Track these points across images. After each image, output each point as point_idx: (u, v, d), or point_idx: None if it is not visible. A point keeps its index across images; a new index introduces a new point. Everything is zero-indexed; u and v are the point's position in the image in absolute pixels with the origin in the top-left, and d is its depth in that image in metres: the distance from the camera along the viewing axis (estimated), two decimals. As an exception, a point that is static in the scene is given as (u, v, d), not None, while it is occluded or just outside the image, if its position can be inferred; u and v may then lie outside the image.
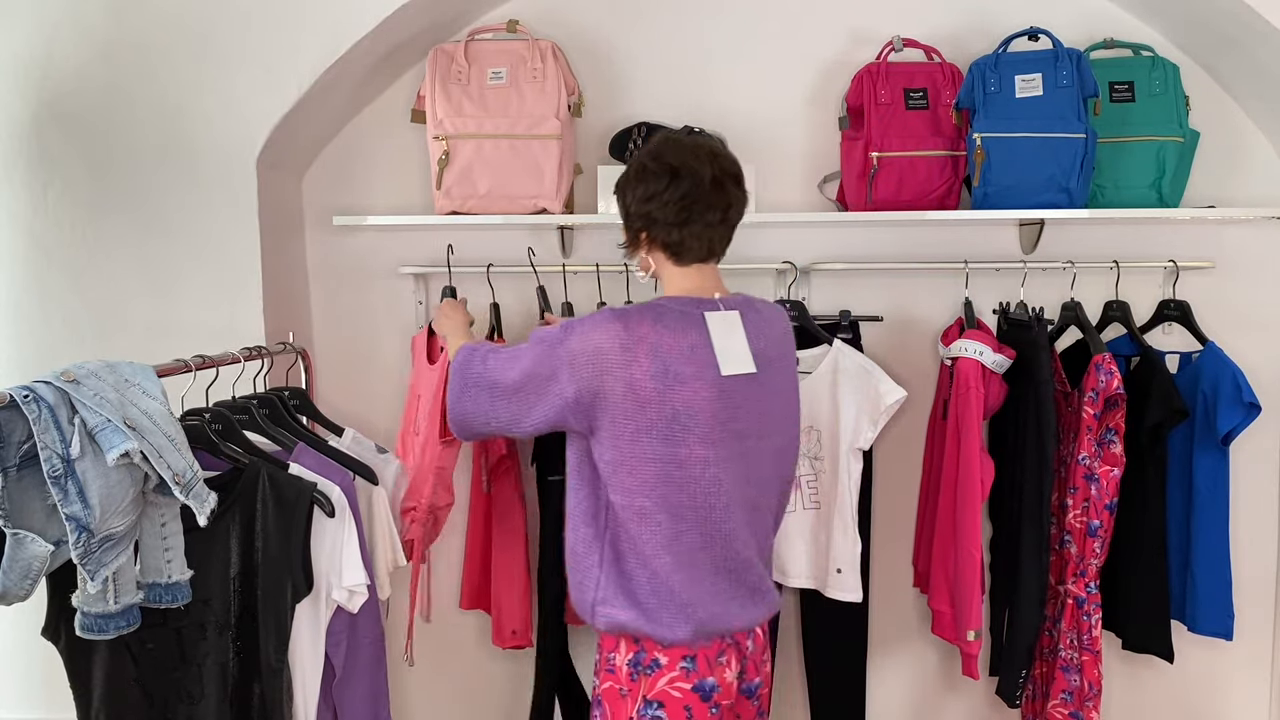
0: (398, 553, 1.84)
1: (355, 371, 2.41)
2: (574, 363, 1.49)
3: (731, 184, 1.57)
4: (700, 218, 1.54)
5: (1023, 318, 2.21)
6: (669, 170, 1.53)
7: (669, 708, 1.52)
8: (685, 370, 1.48)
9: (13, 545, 1.23)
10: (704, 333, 1.52)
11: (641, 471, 1.49)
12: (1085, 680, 2.09)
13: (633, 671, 1.54)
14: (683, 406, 1.48)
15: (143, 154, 2.09)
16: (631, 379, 1.47)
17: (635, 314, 1.51)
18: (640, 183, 1.55)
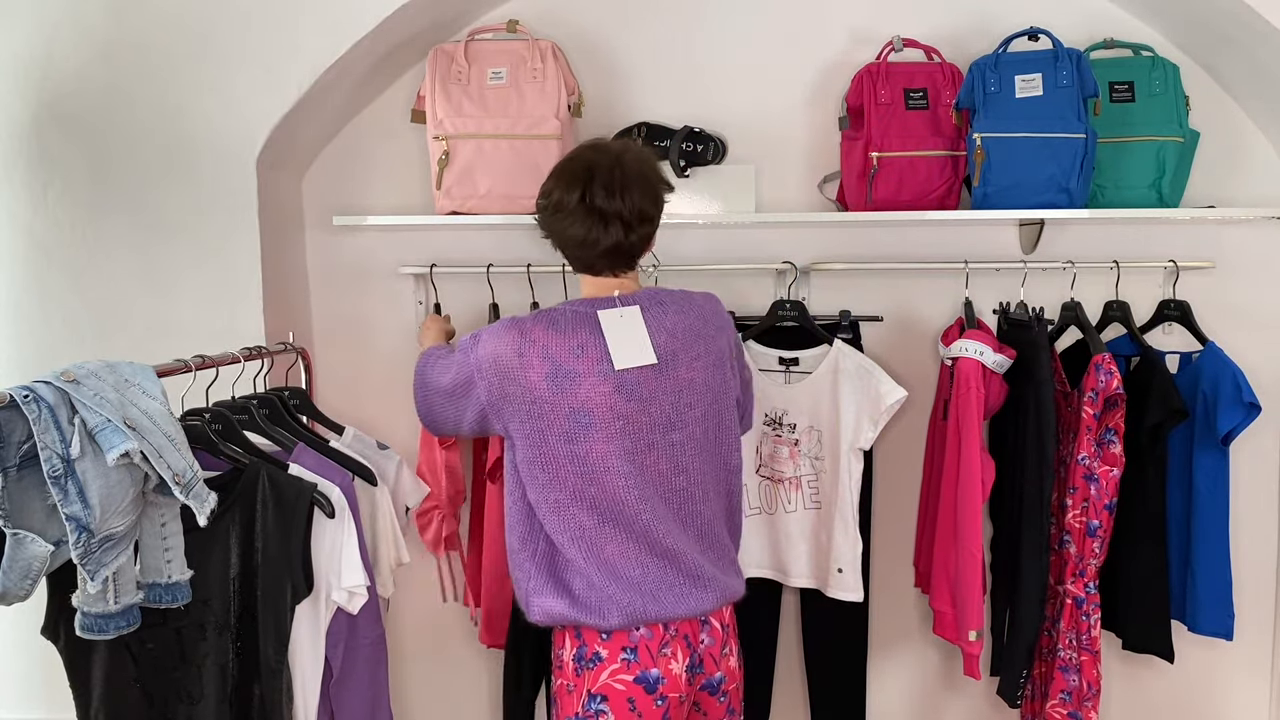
0: (401, 550, 1.84)
1: (355, 371, 2.41)
2: (480, 370, 1.58)
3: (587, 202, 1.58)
4: (569, 234, 1.60)
5: (1023, 318, 2.21)
6: (544, 192, 1.63)
7: (612, 701, 1.53)
8: (576, 369, 1.53)
9: (13, 545, 1.23)
10: (596, 331, 1.56)
11: (550, 469, 1.55)
12: (1084, 680, 2.09)
13: (577, 666, 1.56)
14: (579, 405, 1.53)
15: (143, 154, 2.09)
16: (528, 382, 1.54)
17: (530, 320, 1.59)
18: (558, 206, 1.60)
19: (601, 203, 1.55)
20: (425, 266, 2.31)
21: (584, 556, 1.55)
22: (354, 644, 1.68)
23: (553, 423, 1.54)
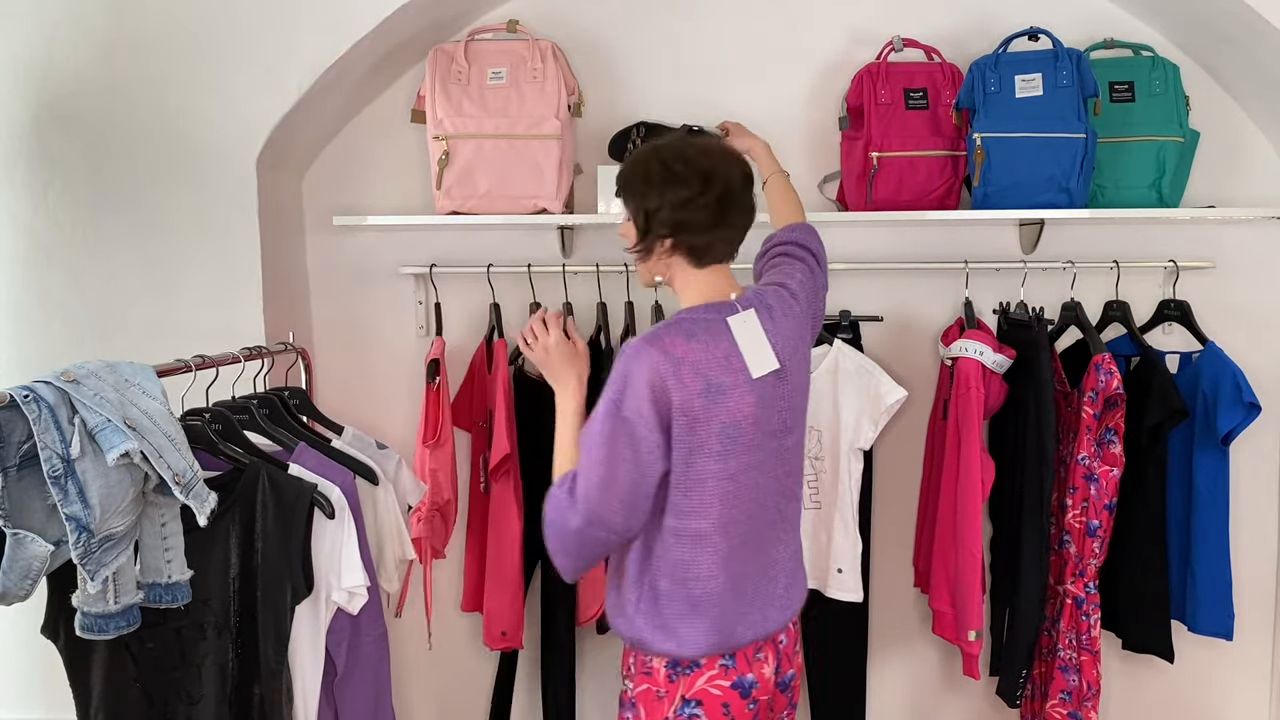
0: (405, 546, 1.85)
1: (355, 371, 2.41)
2: (643, 413, 1.44)
3: (750, 186, 1.58)
4: (730, 221, 1.55)
5: (1023, 318, 2.21)
6: (701, 174, 1.51)
7: (707, 705, 1.52)
8: (725, 381, 1.48)
9: (13, 545, 1.23)
10: (732, 339, 1.51)
11: (696, 494, 1.48)
12: (1084, 680, 2.09)
13: (671, 673, 1.53)
14: (729, 419, 1.47)
15: (143, 154, 2.09)
16: (684, 401, 1.45)
17: (665, 336, 1.47)
18: (669, 187, 1.51)
19: (749, 186, 1.58)
20: (425, 266, 2.31)
21: (716, 587, 1.51)
22: (356, 642, 1.68)
23: (705, 440, 1.46)
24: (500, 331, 2.29)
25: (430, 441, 2.15)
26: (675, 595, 1.50)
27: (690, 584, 1.50)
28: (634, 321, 2.27)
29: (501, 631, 2.21)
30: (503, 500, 2.19)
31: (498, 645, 2.23)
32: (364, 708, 1.71)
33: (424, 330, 2.38)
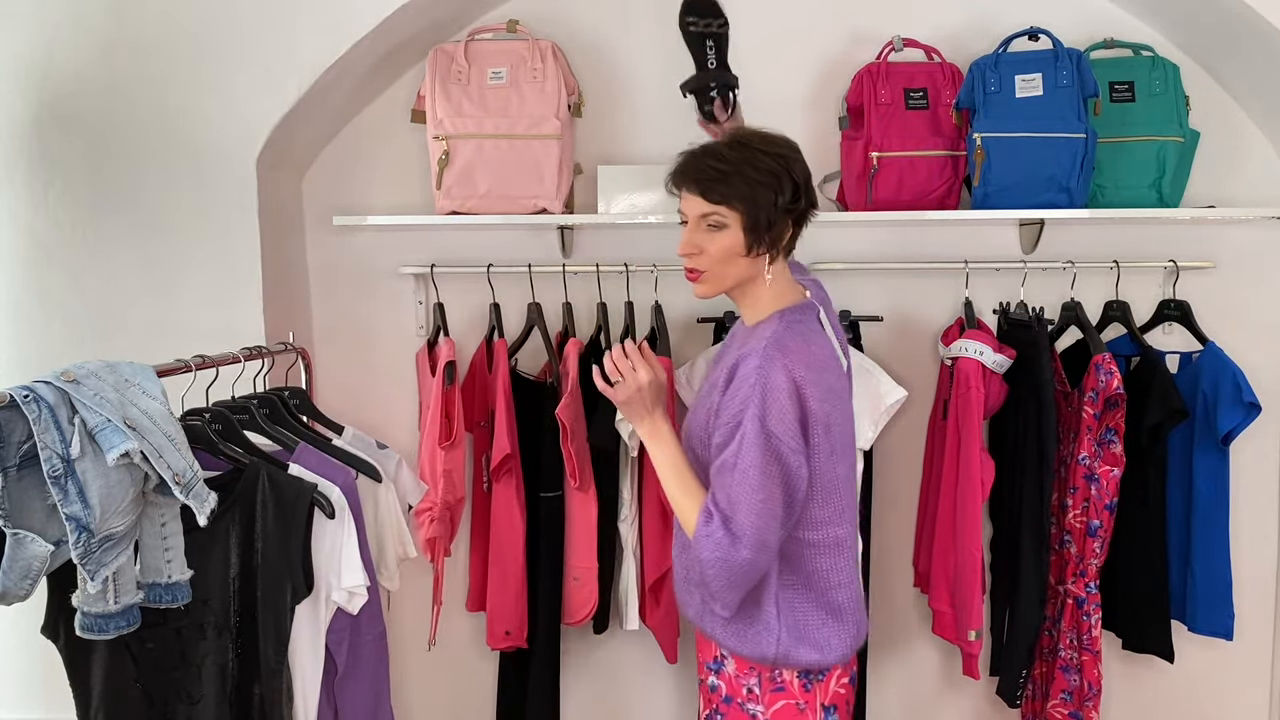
0: (406, 545, 1.85)
1: (355, 371, 2.41)
2: (788, 425, 1.41)
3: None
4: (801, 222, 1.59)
5: (1023, 318, 2.21)
6: (800, 163, 1.55)
7: (840, 708, 1.54)
8: (836, 383, 1.50)
9: (13, 545, 1.23)
10: (828, 338, 1.54)
11: (832, 501, 1.49)
12: (1085, 680, 2.09)
13: (805, 683, 1.53)
14: (844, 420, 1.50)
15: (143, 154, 2.09)
16: (817, 407, 1.44)
17: (789, 342, 1.46)
18: (784, 181, 1.50)
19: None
20: (425, 266, 2.31)
21: (849, 592, 1.52)
22: (357, 641, 1.68)
23: (835, 445, 1.47)
24: (500, 331, 2.29)
25: (445, 443, 2.15)
26: (818, 605, 1.51)
27: (831, 591, 1.51)
28: (634, 321, 2.27)
29: (505, 631, 2.21)
30: (505, 500, 2.19)
31: (500, 645, 2.23)
32: (364, 707, 1.71)
33: (424, 330, 2.38)
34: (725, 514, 1.41)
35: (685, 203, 1.55)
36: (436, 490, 2.14)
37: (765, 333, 1.50)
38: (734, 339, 1.66)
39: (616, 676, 2.48)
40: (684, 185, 1.55)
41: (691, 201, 1.54)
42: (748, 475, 1.40)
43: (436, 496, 2.14)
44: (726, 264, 1.53)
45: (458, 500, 2.22)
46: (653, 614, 2.21)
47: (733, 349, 1.60)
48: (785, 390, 1.41)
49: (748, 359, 1.45)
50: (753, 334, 1.55)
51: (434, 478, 2.15)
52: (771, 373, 1.42)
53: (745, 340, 1.56)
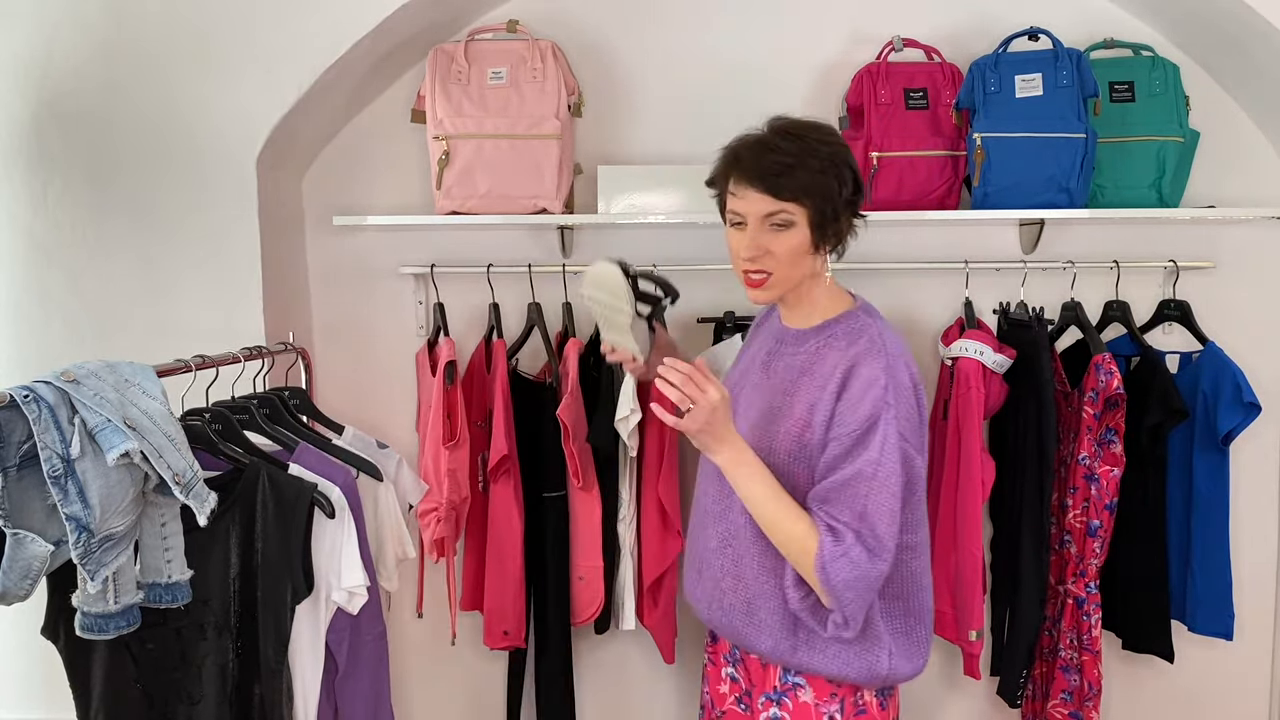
0: (406, 545, 1.85)
1: (355, 371, 2.41)
2: (913, 424, 1.40)
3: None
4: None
5: (1023, 318, 2.21)
6: (848, 150, 1.50)
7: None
8: (920, 383, 1.46)
9: (13, 545, 1.23)
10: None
11: (919, 499, 1.47)
12: (1085, 680, 2.09)
13: (880, 701, 1.50)
14: (925, 418, 1.47)
15: (143, 154, 2.09)
16: (922, 402, 1.44)
17: (890, 335, 1.44)
18: (845, 174, 1.45)
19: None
20: (425, 266, 2.31)
21: (931, 591, 1.50)
22: (357, 640, 1.69)
23: (924, 442, 1.45)
24: (500, 331, 2.29)
25: (449, 443, 2.16)
26: (910, 610, 1.47)
27: (921, 595, 1.48)
28: (634, 321, 2.27)
29: (503, 631, 2.21)
30: (502, 500, 2.19)
31: (499, 645, 2.23)
32: (364, 706, 1.71)
33: (424, 330, 2.38)
34: (857, 528, 1.33)
35: (742, 201, 1.43)
36: (441, 490, 2.14)
37: (855, 333, 1.43)
38: (783, 343, 1.54)
39: (618, 676, 2.48)
40: (744, 182, 1.43)
41: (753, 200, 1.42)
42: (888, 484, 1.35)
43: (441, 496, 2.14)
44: (795, 265, 1.45)
45: (463, 500, 2.22)
46: (650, 614, 2.21)
47: (790, 353, 1.50)
48: (910, 391, 1.39)
49: (867, 362, 1.38)
50: (823, 336, 1.48)
51: (438, 478, 2.15)
52: (898, 374, 1.39)
53: (806, 343, 1.48)
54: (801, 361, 1.49)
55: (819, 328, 1.50)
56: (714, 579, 1.54)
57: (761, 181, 1.41)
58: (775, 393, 1.49)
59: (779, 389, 1.49)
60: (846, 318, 1.49)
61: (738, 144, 1.48)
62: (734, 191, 1.45)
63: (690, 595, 1.63)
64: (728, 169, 1.47)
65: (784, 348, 1.54)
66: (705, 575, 1.56)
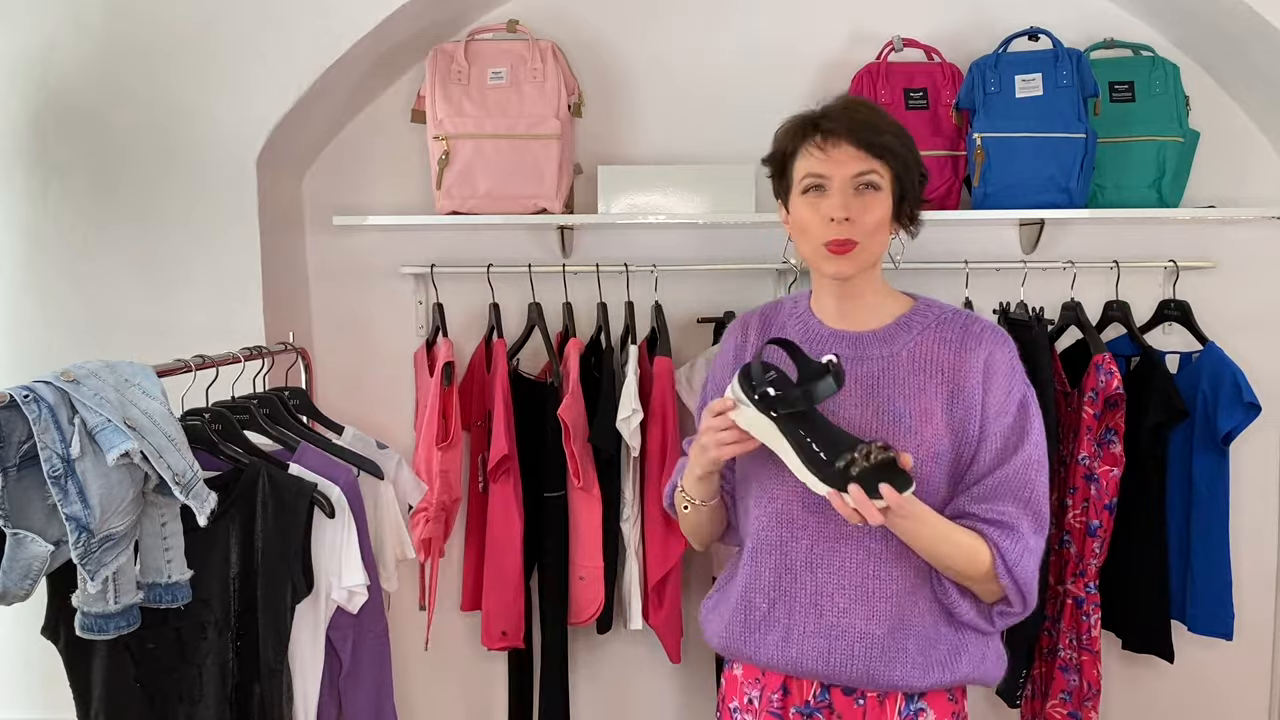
0: (405, 545, 1.85)
1: (355, 371, 2.41)
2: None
3: None
4: None
5: (1023, 318, 2.21)
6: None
7: None
8: None
9: (13, 545, 1.23)
10: None
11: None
12: (1084, 680, 2.09)
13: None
14: None
15: (143, 154, 2.09)
16: None
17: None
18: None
19: None
20: (425, 266, 2.31)
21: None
22: (360, 638, 1.69)
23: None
24: (500, 331, 2.29)
25: (443, 443, 2.16)
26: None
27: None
28: (634, 321, 2.27)
29: (501, 631, 2.21)
30: (502, 500, 2.19)
31: (497, 645, 2.23)
32: (366, 704, 1.71)
33: (423, 330, 2.38)
34: (1027, 516, 1.30)
35: (826, 161, 1.33)
36: (433, 490, 2.15)
37: (953, 320, 1.38)
38: (859, 346, 1.38)
39: (621, 676, 2.48)
40: (832, 138, 1.33)
41: (842, 157, 1.32)
42: (1045, 463, 1.34)
43: (432, 497, 2.15)
44: (878, 236, 1.35)
45: (453, 500, 2.22)
46: (656, 614, 2.21)
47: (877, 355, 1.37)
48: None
49: (995, 347, 1.34)
50: (914, 330, 1.38)
51: (430, 478, 2.15)
52: (1014, 348, 1.37)
53: (894, 341, 1.37)
54: (906, 362, 1.36)
55: (903, 322, 1.40)
56: (839, 613, 1.34)
57: (853, 135, 1.32)
58: (881, 402, 1.35)
59: (885, 397, 1.35)
60: (925, 306, 1.42)
61: (809, 111, 1.40)
62: (814, 153, 1.34)
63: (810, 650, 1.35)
64: (804, 130, 1.37)
65: (866, 351, 1.39)
66: (825, 615, 1.35)
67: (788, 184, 1.41)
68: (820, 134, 1.34)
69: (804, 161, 1.36)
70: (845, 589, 1.34)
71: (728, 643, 1.42)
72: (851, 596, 1.34)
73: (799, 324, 1.46)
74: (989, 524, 1.29)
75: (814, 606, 1.35)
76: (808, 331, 1.44)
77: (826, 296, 1.44)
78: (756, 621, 1.39)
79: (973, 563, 1.29)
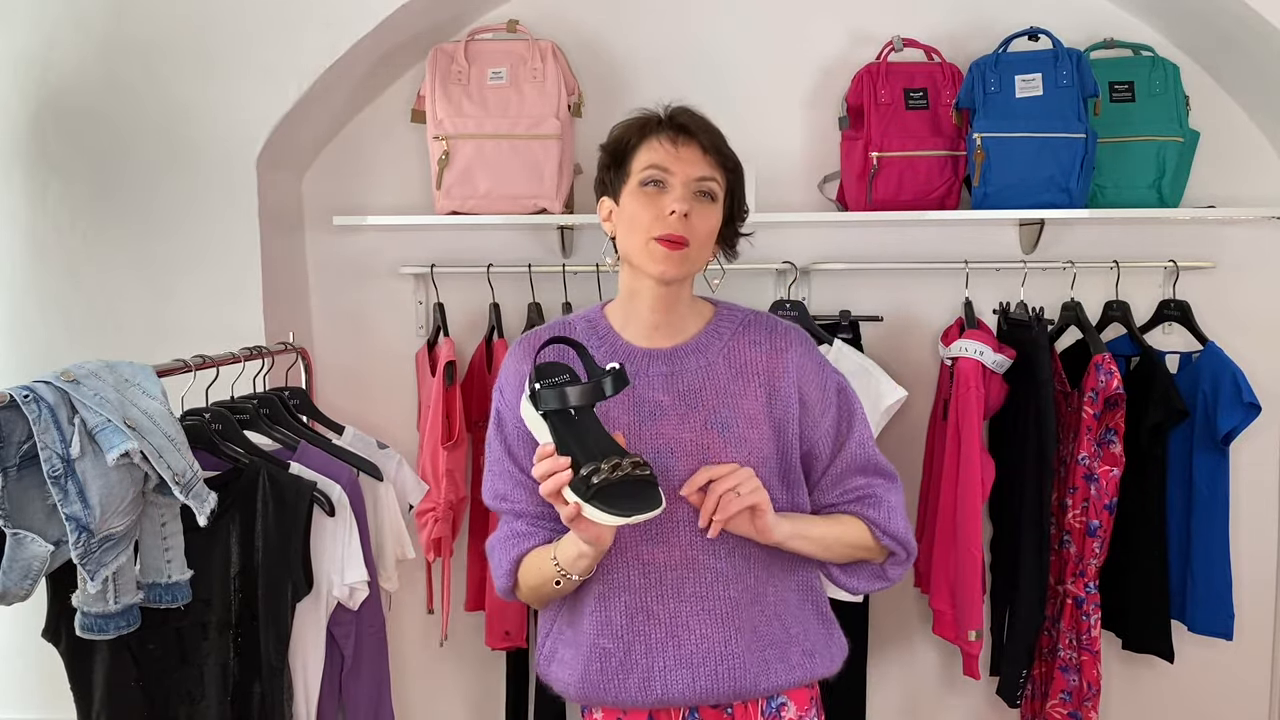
0: (405, 546, 1.85)
1: (355, 371, 2.41)
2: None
3: None
4: None
5: (1023, 318, 2.21)
6: None
7: None
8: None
9: (13, 545, 1.23)
10: None
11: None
12: (1084, 680, 2.09)
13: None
14: None
15: (143, 154, 2.09)
16: None
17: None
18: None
19: None
20: (425, 266, 2.31)
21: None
22: (359, 634, 1.70)
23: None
24: (500, 331, 2.29)
25: (448, 443, 2.16)
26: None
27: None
28: (634, 321, 2.27)
29: (505, 631, 2.21)
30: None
31: (500, 645, 2.23)
32: (366, 701, 1.72)
33: (424, 330, 2.38)
34: (873, 483, 1.41)
35: (671, 157, 1.30)
36: (439, 490, 2.15)
37: (753, 321, 1.39)
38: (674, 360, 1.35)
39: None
40: (683, 136, 1.31)
41: (688, 157, 1.30)
42: (869, 429, 1.46)
43: (440, 497, 2.15)
44: (706, 246, 1.33)
45: (460, 500, 2.22)
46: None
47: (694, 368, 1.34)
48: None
49: (806, 344, 1.39)
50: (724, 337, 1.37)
51: (436, 478, 2.15)
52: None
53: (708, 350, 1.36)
54: (724, 369, 1.35)
55: (711, 330, 1.38)
56: (697, 640, 1.33)
57: (703, 138, 1.31)
58: (707, 414, 1.33)
59: (709, 407, 1.33)
60: (726, 311, 1.41)
61: (660, 108, 1.36)
62: (664, 145, 1.30)
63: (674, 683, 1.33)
64: (654, 123, 1.33)
65: (683, 364, 1.35)
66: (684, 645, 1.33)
67: (624, 175, 1.34)
68: (672, 129, 1.31)
69: (648, 154, 1.31)
70: (699, 614, 1.32)
71: (585, 693, 1.36)
72: (706, 621, 1.32)
73: (602, 343, 1.38)
74: (851, 503, 1.39)
75: (671, 639, 1.32)
76: (615, 351, 1.37)
77: (641, 309, 1.36)
78: (614, 669, 1.33)
79: (860, 543, 1.38)
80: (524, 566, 1.36)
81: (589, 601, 1.35)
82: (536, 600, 1.39)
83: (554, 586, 1.30)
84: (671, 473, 1.30)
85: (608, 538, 1.23)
